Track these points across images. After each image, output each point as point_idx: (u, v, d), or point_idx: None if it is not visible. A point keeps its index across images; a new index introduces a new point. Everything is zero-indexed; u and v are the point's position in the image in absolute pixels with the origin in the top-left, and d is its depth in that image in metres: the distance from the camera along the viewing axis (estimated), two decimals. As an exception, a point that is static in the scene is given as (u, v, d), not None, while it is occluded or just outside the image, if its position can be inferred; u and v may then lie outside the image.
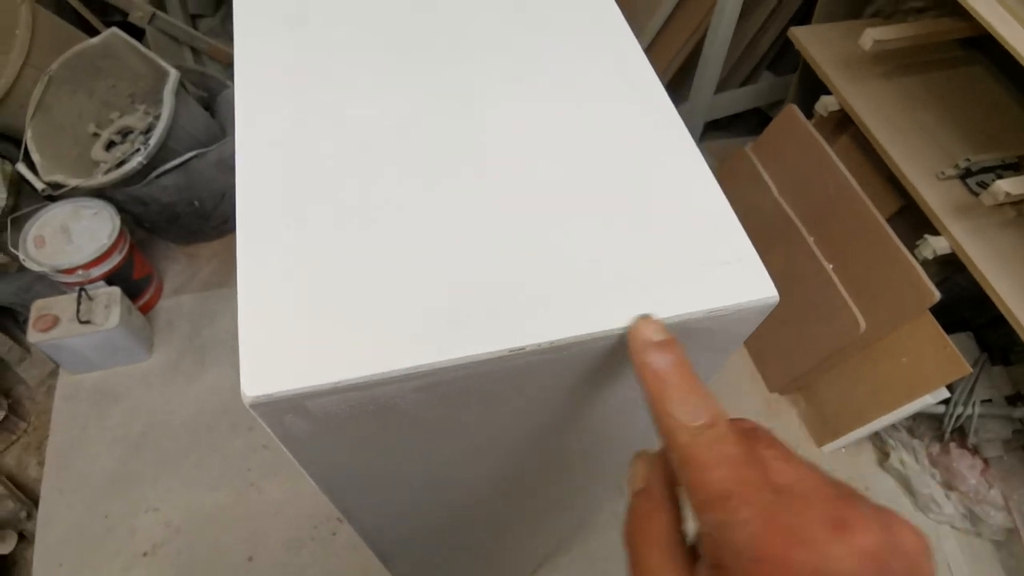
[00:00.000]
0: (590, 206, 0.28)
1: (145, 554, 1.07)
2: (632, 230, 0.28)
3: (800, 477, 0.20)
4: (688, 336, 0.28)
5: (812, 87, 1.22)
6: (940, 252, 0.97)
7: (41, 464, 1.19)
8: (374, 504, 0.37)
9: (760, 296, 0.26)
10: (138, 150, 1.17)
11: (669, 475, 0.24)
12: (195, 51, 1.47)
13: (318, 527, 1.10)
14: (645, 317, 0.25)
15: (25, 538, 1.13)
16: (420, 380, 0.24)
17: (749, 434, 0.22)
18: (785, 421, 1.28)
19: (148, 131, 1.25)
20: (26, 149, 1.14)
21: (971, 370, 0.99)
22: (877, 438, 1.26)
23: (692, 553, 0.22)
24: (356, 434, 0.27)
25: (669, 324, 0.26)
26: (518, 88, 0.33)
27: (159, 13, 1.36)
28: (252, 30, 0.34)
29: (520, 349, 0.24)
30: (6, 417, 1.21)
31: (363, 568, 1.07)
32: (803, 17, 1.46)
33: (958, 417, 1.13)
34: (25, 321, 1.26)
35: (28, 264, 1.10)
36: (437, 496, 0.38)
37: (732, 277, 0.27)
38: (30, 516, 1.15)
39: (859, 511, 0.19)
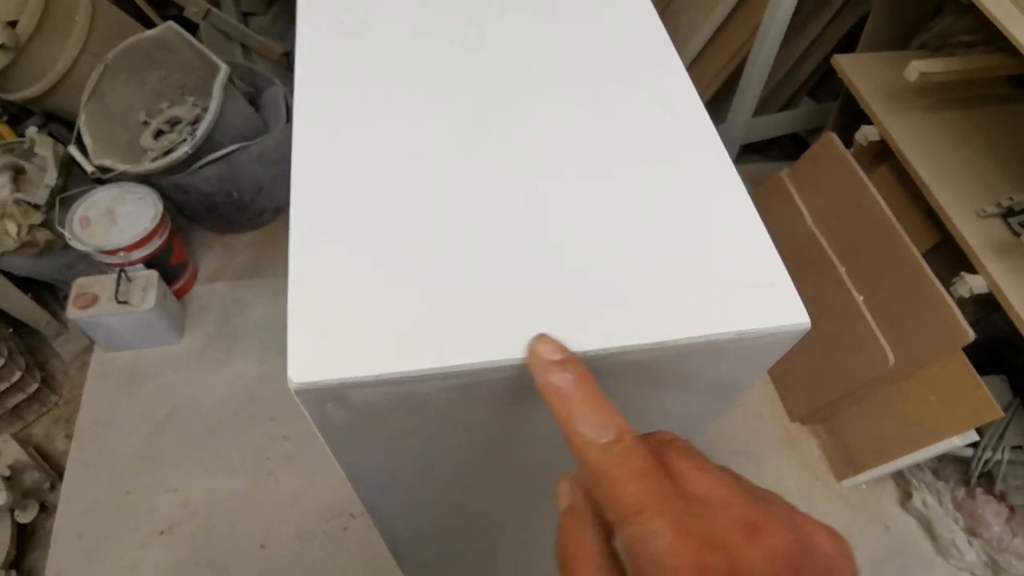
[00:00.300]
0: (628, 222, 0.29)
1: (162, 532, 1.09)
2: (668, 248, 0.28)
3: (713, 485, 0.21)
4: (717, 357, 0.28)
5: (852, 116, 1.21)
6: (977, 291, 0.95)
7: (68, 437, 1.23)
8: (396, 498, 0.38)
9: (792, 321, 0.27)
10: (185, 140, 1.21)
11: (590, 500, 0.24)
12: (245, 47, 1.52)
13: (330, 521, 1.12)
14: (541, 336, 0.25)
15: (46, 508, 1.16)
16: (456, 379, 0.25)
17: (664, 445, 0.23)
18: (804, 451, 1.26)
19: (195, 122, 1.29)
20: (79, 132, 1.19)
21: (1003, 414, 0.96)
22: (900, 477, 1.23)
23: (622, 569, 0.22)
24: (390, 427, 0.28)
25: (700, 343, 0.26)
26: (562, 103, 0.34)
27: (214, 10, 1.41)
28: (313, 36, 0.36)
29: (555, 356, 0.25)
30: (39, 389, 1.25)
31: (372, 564, 1.07)
32: (847, 45, 1.45)
33: (986, 462, 1.10)
34: (65, 297, 1.30)
35: (73, 243, 1.14)
36: (457, 495, 0.39)
37: (764, 300, 0.27)
38: (53, 487, 1.18)
39: (771, 515, 0.20)
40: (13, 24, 1.14)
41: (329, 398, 0.25)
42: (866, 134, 1.13)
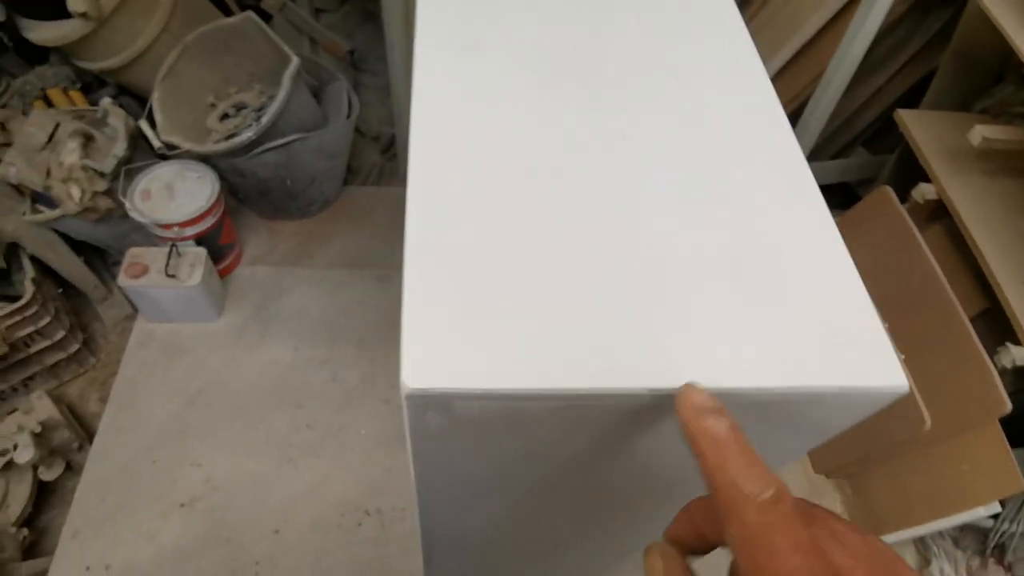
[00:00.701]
0: (734, 266, 0.30)
1: (182, 505, 1.11)
2: (770, 296, 0.29)
3: (853, 557, 0.21)
4: (808, 409, 0.29)
5: (908, 171, 1.20)
6: (1020, 363, 0.94)
7: (102, 400, 1.26)
8: (455, 503, 0.38)
9: (891, 383, 0.27)
10: (250, 125, 1.24)
11: (686, 568, 0.24)
12: (313, 41, 1.56)
13: (345, 515, 1.12)
14: (691, 384, 0.25)
15: (71, 468, 1.19)
16: (559, 402, 0.25)
17: (806, 504, 0.23)
18: (827, 506, 1.23)
19: (260, 109, 1.32)
20: (150, 108, 1.22)
21: None
22: (921, 542, 1.21)
23: None
24: (478, 438, 0.28)
25: (798, 394, 0.27)
26: (668, 135, 0.35)
27: (290, 3, 1.45)
28: (431, 50, 0.37)
29: (659, 390, 0.25)
30: (79, 350, 1.29)
31: (382, 563, 1.08)
32: (909, 100, 1.44)
33: (1002, 533, 1.09)
34: (115, 264, 1.34)
35: (132, 213, 1.17)
36: (515, 512, 0.39)
37: (865, 359, 0.28)
38: (81, 448, 1.21)
39: None
40: (97, -4, 1.19)
41: (435, 406, 0.26)
42: (923, 192, 1.13)
